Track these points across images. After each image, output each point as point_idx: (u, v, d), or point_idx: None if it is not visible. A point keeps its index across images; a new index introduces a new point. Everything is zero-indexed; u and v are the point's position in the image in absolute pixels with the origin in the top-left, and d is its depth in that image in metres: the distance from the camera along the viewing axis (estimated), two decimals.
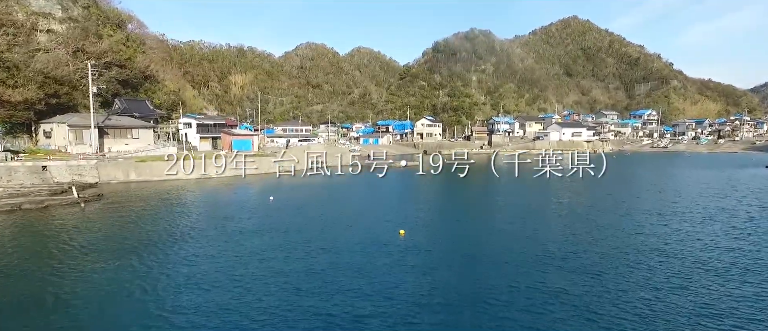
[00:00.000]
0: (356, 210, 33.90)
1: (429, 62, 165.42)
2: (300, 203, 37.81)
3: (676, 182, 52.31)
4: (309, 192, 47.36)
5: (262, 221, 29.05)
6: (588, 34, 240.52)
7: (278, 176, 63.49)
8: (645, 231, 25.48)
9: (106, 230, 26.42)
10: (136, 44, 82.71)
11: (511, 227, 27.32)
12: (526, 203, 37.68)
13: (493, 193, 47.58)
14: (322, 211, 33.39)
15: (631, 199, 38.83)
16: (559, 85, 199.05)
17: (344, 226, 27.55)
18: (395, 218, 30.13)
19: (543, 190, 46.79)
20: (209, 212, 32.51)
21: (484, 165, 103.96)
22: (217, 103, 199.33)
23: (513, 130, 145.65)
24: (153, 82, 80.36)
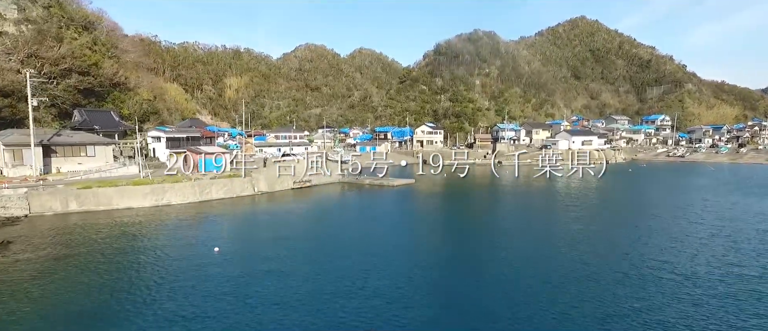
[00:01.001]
0: (335, 272, 25.85)
1: (430, 65, 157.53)
2: (258, 250, 30.20)
3: (739, 232, 34.89)
4: (280, 227, 39.79)
5: (175, 302, 21.10)
6: (597, 34, 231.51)
7: (256, 196, 56.18)
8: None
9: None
10: (106, 48, 75.47)
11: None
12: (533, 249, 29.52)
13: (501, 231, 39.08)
14: (286, 267, 25.92)
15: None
16: (567, 89, 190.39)
17: (313, 309, 19.82)
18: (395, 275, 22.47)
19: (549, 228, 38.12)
20: (122, 275, 24.84)
21: (487, 177, 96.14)
22: (211, 107, 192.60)
23: (519, 137, 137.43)
24: (123, 89, 73.09)
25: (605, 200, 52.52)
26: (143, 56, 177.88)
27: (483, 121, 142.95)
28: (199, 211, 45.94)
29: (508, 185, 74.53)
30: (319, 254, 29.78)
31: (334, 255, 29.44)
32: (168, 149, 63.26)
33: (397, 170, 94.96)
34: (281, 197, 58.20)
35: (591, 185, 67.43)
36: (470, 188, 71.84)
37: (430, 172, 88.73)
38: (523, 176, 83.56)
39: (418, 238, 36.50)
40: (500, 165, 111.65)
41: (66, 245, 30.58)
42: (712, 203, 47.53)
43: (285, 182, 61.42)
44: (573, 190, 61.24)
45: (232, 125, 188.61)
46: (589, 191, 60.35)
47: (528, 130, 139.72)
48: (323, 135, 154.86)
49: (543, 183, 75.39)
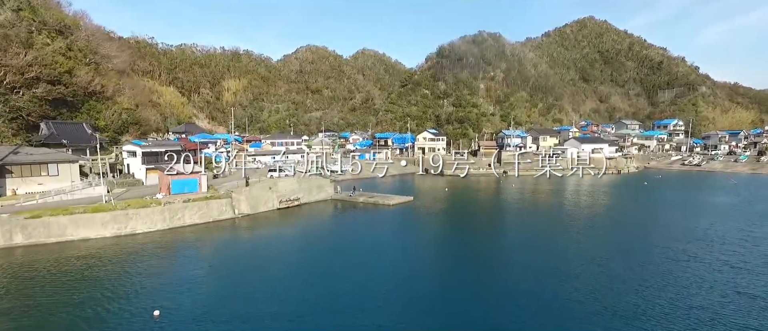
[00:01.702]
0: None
1: (432, 68, 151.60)
2: (217, 309, 24.87)
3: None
4: (258, 261, 34.75)
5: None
6: (605, 35, 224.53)
7: (236, 220, 50.94)
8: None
9: None
10: (83, 54, 70.51)
11: None
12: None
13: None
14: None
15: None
16: (575, 92, 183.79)
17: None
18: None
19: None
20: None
21: (492, 190, 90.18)
22: (209, 110, 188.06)
23: (525, 144, 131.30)
24: (100, 98, 68.09)
25: (620, 227, 46.64)
26: (138, 59, 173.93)
27: (488, 127, 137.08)
28: (167, 241, 40.85)
29: (514, 201, 68.75)
30: (301, 301, 24.75)
31: (320, 304, 24.36)
32: (144, 165, 58.13)
33: (396, 184, 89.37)
34: (266, 219, 52.93)
35: (602, 203, 61.21)
36: (473, 206, 66.17)
37: (428, 186, 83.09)
38: (529, 191, 77.49)
39: (418, 274, 31.26)
40: (505, 176, 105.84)
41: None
42: (753, 235, 41.50)
43: (270, 202, 56.13)
44: (583, 210, 55.32)
45: (230, 129, 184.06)
46: (600, 213, 54.36)
47: (535, 136, 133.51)
48: (322, 141, 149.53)
49: (550, 199, 69.42)
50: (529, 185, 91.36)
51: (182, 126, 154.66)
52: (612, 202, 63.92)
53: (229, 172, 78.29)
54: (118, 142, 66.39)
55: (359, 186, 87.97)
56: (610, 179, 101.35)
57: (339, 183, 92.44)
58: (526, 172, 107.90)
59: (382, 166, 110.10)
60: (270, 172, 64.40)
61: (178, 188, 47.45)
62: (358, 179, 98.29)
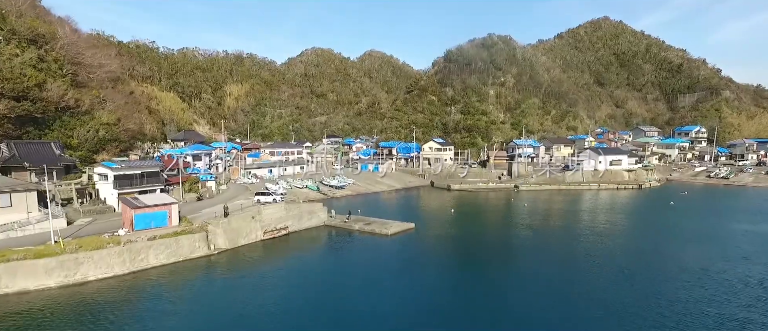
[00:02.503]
0: None
1: (440, 73, 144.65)
2: None
3: None
4: (231, 316, 28.99)
5: None
6: (621, 36, 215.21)
7: (212, 257, 44.94)
8: None
9: None
10: (58, 64, 65.13)
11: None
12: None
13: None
14: None
15: None
16: (590, 97, 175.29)
17: None
18: None
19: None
20: None
21: (503, 208, 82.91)
22: (210, 116, 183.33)
23: (538, 154, 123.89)
24: (75, 113, 62.63)
25: (659, 275, 39.46)
26: (137, 64, 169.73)
27: (498, 136, 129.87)
28: (124, 289, 35.22)
29: (525, 226, 61.71)
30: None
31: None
32: (117, 189, 52.40)
33: (399, 201, 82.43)
34: (247, 254, 46.85)
35: (626, 231, 53.21)
36: (482, 233, 59.32)
37: (434, 205, 75.93)
38: (542, 211, 69.72)
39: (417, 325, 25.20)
40: (517, 191, 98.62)
41: None
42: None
43: (253, 233, 50.03)
44: (606, 243, 47.93)
45: (231, 136, 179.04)
46: (629, 248, 46.96)
47: (548, 146, 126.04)
48: (324, 150, 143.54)
49: (564, 223, 62.08)
50: (542, 202, 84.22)
51: (181, 133, 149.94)
52: (639, 231, 56.49)
53: (219, 191, 72.53)
54: (93, 162, 60.89)
55: (358, 205, 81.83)
56: (631, 195, 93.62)
57: (336, 200, 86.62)
58: (540, 187, 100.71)
59: (383, 183, 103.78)
60: (257, 196, 58.24)
61: (143, 222, 41.50)
62: (359, 194, 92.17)
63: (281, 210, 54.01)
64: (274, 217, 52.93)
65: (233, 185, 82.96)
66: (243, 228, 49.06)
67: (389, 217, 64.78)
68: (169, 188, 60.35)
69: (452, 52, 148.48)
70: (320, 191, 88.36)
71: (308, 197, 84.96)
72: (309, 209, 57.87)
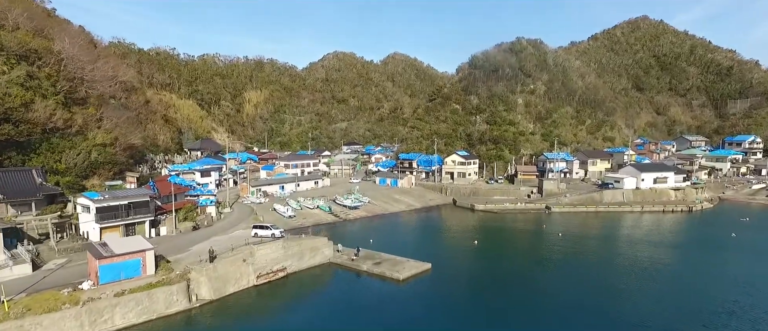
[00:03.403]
0: None
1: (464, 80, 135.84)
2: None
3: None
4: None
5: None
6: (662, 37, 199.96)
7: (193, 311, 38.99)
8: None
9: None
10: (50, 82, 61.05)
11: None
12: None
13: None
14: None
15: None
16: (628, 104, 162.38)
17: None
18: None
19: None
20: None
21: (533, 235, 73.92)
22: (228, 124, 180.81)
23: (571, 170, 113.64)
24: (65, 135, 58.26)
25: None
26: (157, 72, 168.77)
27: (526, 148, 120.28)
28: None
29: (558, 262, 53.19)
30: None
31: None
32: (99, 223, 47.28)
33: (417, 226, 74.74)
34: (236, 305, 40.72)
35: (679, 273, 43.49)
36: (510, 271, 51.37)
37: (454, 233, 67.30)
38: (576, 239, 60.11)
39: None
40: (549, 213, 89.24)
41: None
42: None
43: (244, 279, 43.83)
44: (658, 293, 38.86)
45: (249, 144, 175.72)
46: (685, 304, 37.79)
47: (582, 160, 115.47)
48: (341, 162, 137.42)
49: (602, 255, 52.93)
50: (577, 228, 75.15)
51: (198, 142, 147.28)
52: (702, 282, 46.86)
53: (220, 217, 67.04)
54: (83, 188, 56.29)
55: (373, 229, 74.87)
56: (679, 220, 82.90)
57: (349, 222, 79.99)
58: (574, 209, 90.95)
59: (402, 201, 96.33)
60: (254, 229, 52.15)
61: (110, 274, 35.84)
62: (375, 216, 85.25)
63: (278, 249, 47.60)
64: (269, 258, 46.60)
65: (239, 206, 77.59)
66: (232, 274, 42.90)
67: (404, 249, 57.80)
68: (160, 219, 55.14)
69: (477, 57, 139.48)
70: (332, 212, 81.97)
71: (319, 219, 78.95)
72: (311, 245, 51.29)
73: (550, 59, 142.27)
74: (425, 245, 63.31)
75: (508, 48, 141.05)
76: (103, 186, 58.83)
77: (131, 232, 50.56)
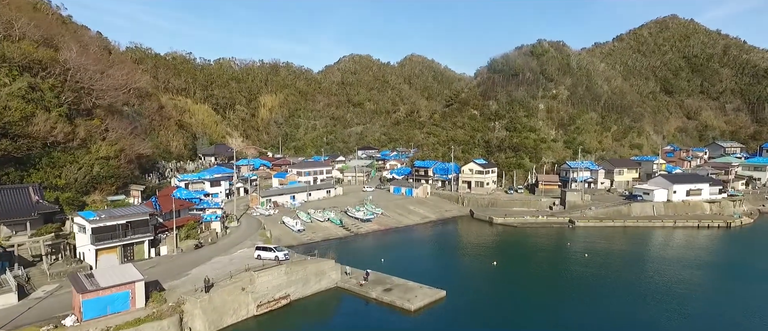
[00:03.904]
0: None
1: (483, 85, 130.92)
2: None
3: None
4: None
5: None
6: (693, 37, 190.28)
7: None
8: None
9: None
10: (54, 93, 59.52)
11: None
12: None
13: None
14: None
15: None
16: (656, 108, 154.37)
17: None
18: None
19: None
20: None
21: (554, 257, 68.71)
22: (243, 128, 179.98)
23: (596, 179, 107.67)
24: (66, 149, 56.50)
25: None
26: (172, 77, 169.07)
27: (548, 156, 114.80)
28: None
29: (587, 286, 48.43)
30: None
31: None
32: (94, 244, 45.01)
33: (432, 241, 70.24)
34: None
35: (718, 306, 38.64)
36: (532, 298, 47.05)
37: (472, 251, 62.06)
38: (602, 256, 54.37)
39: None
40: (573, 228, 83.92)
41: None
42: None
43: (242, 309, 40.79)
44: None
45: (264, 149, 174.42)
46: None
47: (608, 169, 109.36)
48: (355, 168, 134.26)
49: (630, 279, 47.36)
50: (603, 244, 70.06)
51: (212, 148, 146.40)
52: (741, 309, 41.52)
53: (226, 232, 64.44)
54: (83, 205, 54.37)
55: (385, 244, 71.29)
56: (716, 237, 76.61)
57: (361, 237, 76.51)
58: (600, 223, 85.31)
59: (416, 212, 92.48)
60: (257, 251, 49.16)
61: (95, 309, 33.22)
62: (388, 229, 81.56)
63: (281, 276, 44.38)
64: (271, 285, 43.44)
65: (247, 219, 75.08)
66: (229, 304, 39.88)
67: (417, 270, 54.09)
68: (161, 237, 52.74)
69: (497, 61, 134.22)
70: (343, 225, 78.71)
71: (329, 233, 75.77)
72: (317, 270, 47.94)
73: (573, 62, 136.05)
74: (440, 266, 59.35)
75: (528, 51, 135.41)
76: (105, 201, 56.92)
77: (129, 253, 48.30)
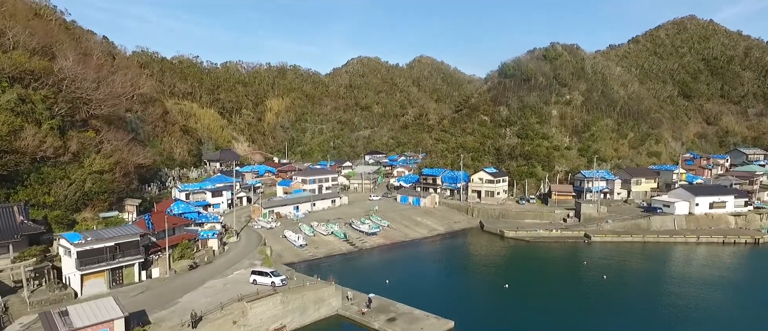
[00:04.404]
0: None
1: (493, 90, 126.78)
2: None
3: None
4: None
5: None
6: (712, 38, 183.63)
7: None
8: None
9: None
10: (46, 105, 57.27)
11: None
12: None
13: None
14: None
15: None
16: (675, 113, 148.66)
17: None
18: None
19: None
20: None
21: (570, 277, 64.35)
22: (249, 133, 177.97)
23: (612, 189, 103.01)
24: (56, 164, 54.09)
25: None
26: (179, 81, 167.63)
27: (561, 165, 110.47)
28: None
29: (607, 310, 44.55)
30: None
31: None
32: (80, 269, 42.39)
33: (441, 256, 66.12)
34: None
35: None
36: (547, 323, 43.40)
37: (482, 270, 57.60)
38: (619, 272, 50.03)
39: None
40: (589, 243, 79.68)
41: None
42: None
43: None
44: None
45: (270, 154, 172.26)
46: None
47: (625, 179, 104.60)
48: (361, 175, 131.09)
49: (653, 303, 43.88)
50: (621, 263, 66.06)
51: (217, 153, 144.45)
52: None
53: (224, 249, 61.59)
54: (73, 223, 51.92)
55: (390, 261, 68.04)
56: (743, 254, 72.03)
57: (366, 252, 73.17)
58: (618, 238, 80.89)
59: (424, 224, 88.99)
60: (253, 275, 46.18)
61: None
62: (394, 243, 78.19)
63: (277, 305, 41.26)
64: (266, 315, 40.36)
65: (247, 233, 72.28)
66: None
67: (424, 293, 50.97)
68: (153, 258, 50.02)
69: (508, 65, 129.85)
70: (347, 239, 75.60)
71: (332, 248, 72.62)
72: (316, 296, 44.76)
73: (588, 66, 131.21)
74: (448, 290, 55.77)
75: (541, 55, 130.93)
76: (97, 219, 54.42)
77: (118, 276, 45.64)
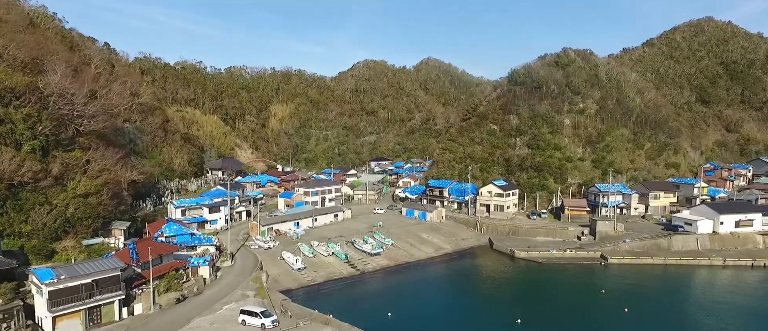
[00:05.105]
0: None
1: (503, 98, 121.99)
2: None
3: None
4: None
5: None
6: (731, 41, 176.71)
7: None
8: None
9: None
10: (27, 125, 54.12)
11: None
12: None
13: None
14: None
15: None
16: (692, 121, 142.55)
17: None
18: None
19: None
20: None
21: (585, 303, 59.57)
22: (253, 139, 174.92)
23: (629, 204, 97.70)
24: (36, 189, 50.80)
25: None
26: (181, 88, 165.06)
27: (574, 177, 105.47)
28: None
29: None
30: None
31: None
32: (51, 311, 38.98)
33: (446, 281, 61.48)
34: None
35: None
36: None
37: (489, 297, 52.25)
38: (639, 300, 46.28)
39: None
40: (605, 265, 74.77)
41: None
42: None
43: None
44: None
45: (273, 161, 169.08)
46: None
47: (643, 193, 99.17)
48: (366, 186, 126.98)
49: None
50: (642, 290, 61.62)
51: (219, 161, 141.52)
52: None
53: (216, 276, 57.91)
54: (51, 254, 48.57)
55: (393, 286, 63.94)
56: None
57: (369, 275, 69.13)
58: (637, 260, 75.92)
59: (430, 242, 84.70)
60: (242, 315, 42.47)
61: None
62: (398, 265, 74.04)
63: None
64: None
65: (243, 255, 68.61)
66: None
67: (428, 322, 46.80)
68: (135, 292, 46.47)
69: (518, 72, 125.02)
70: (349, 261, 71.64)
71: (333, 271, 68.63)
72: None
73: (602, 73, 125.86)
74: (455, 326, 51.44)
75: (553, 61, 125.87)
76: (79, 247, 51.01)
77: (96, 316, 42.15)
